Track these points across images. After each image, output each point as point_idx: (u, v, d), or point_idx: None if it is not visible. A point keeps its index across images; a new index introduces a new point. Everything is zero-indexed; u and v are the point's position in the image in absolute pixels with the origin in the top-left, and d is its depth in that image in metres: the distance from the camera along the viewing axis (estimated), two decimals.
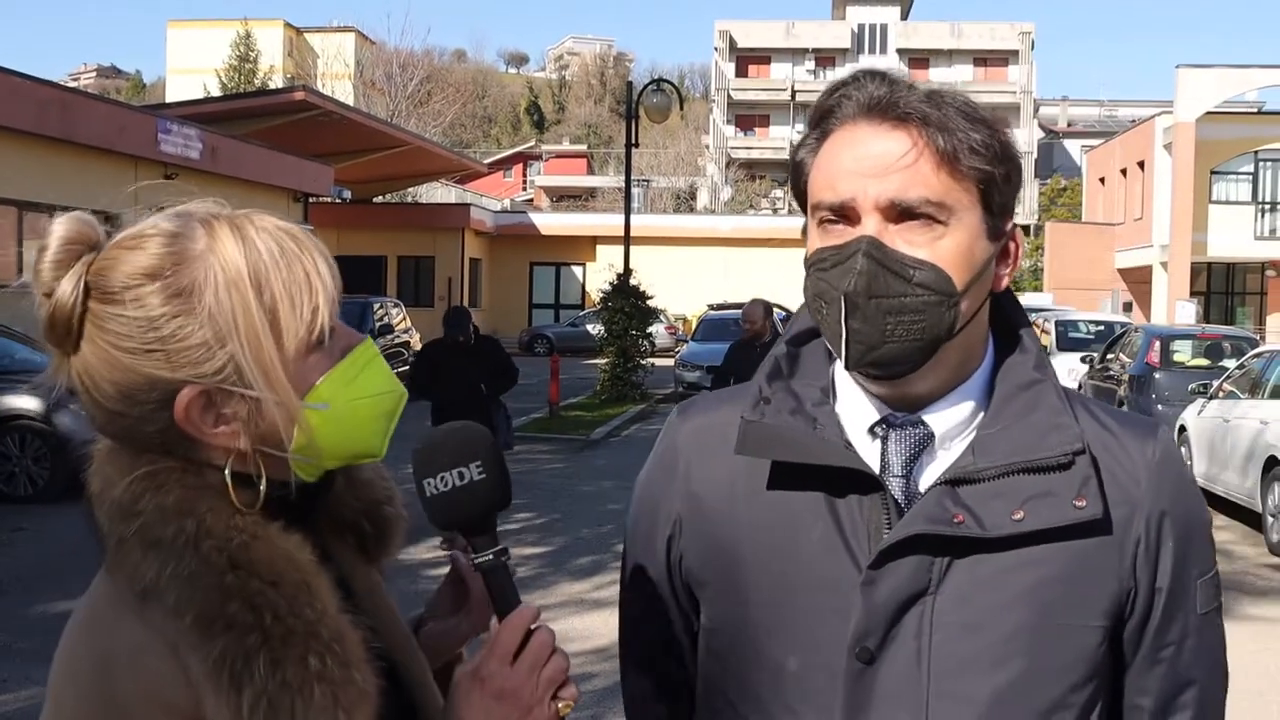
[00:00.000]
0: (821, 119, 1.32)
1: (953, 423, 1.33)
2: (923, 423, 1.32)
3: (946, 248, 1.25)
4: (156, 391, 1.12)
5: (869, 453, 1.33)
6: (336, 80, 58.63)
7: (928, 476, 1.32)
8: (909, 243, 1.25)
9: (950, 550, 1.28)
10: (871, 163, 1.25)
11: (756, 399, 1.37)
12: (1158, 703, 1.36)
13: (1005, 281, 1.35)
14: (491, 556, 1.24)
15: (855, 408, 1.35)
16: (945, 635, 1.27)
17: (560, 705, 1.20)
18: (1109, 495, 1.30)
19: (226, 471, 1.15)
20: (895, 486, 1.32)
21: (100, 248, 1.15)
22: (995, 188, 1.28)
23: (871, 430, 1.34)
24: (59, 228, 1.15)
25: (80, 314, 1.13)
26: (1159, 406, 15.09)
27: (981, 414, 1.34)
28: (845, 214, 1.27)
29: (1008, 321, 1.40)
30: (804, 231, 1.36)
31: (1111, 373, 16.91)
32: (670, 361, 24.30)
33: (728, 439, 1.37)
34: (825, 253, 1.28)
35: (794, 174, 1.35)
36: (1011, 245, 1.34)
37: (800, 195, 1.36)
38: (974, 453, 1.30)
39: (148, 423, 1.14)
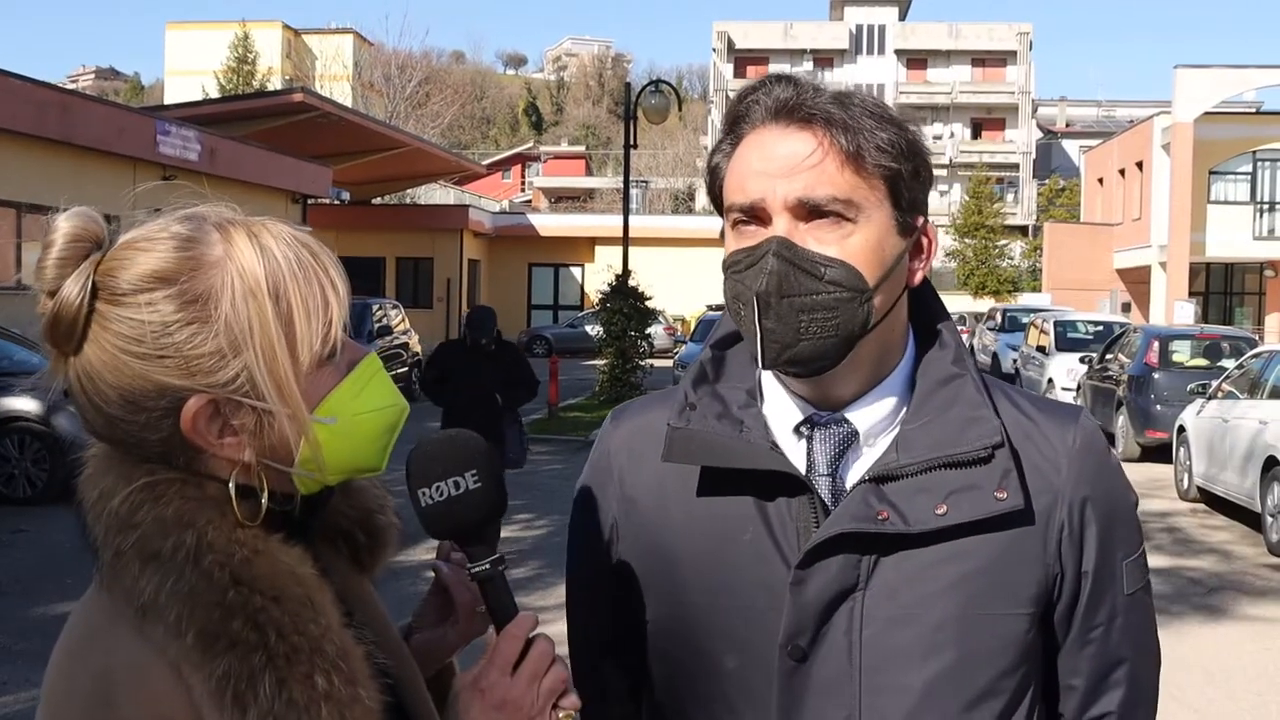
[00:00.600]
0: (733, 125, 1.34)
1: (876, 419, 1.35)
2: (846, 421, 1.35)
3: (856, 244, 1.27)
4: (164, 399, 1.09)
5: (795, 453, 1.35)
6: (335, 82, 58.73)
7: (853, 474, 1.35)
8: (819, 240, 1.27)
9: (877, 547, 1.30)
10: (779, 163, 1.27)
11: (682, 405, 1.39)
12: (1089, 682, 1.40)
13: (919, 276, 1.37)
14: (488, 566, 1.22)
15: (781, 409, 1.37)
16: (875, 630, 1.30)
17: (561, 715, 1.19)
18: (1031, 484, 1.33)
19: (231, 484, 1.12)
20: (822, 485, 1.34)
21: (106, 245, 1.12)
22: (903, 184, 1.30)
23: (797, 430, 1.36)
24: (64, 223, 1.11)
25: (86, 314, 1.10)
26: (1158, 407, 15.11)
27: (904, 410, 1.36)
28: (756, 215, 1.29)
29: (928, 316, 1.42)
30: (722, 235, 1.38)
31: (1110, 373, 16.91)
32: (669, 362, 24.31)
33: (659, 442, 1.39)
34: (739, 254, 1.30)
35: (710, 180, 1.37)
36: (924, 240, 1.36)
37: (717, 200, 1.37)
38: (897, 449, 1.33)
39: (150, 430, 1.11)
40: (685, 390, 1.40)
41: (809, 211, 1.27)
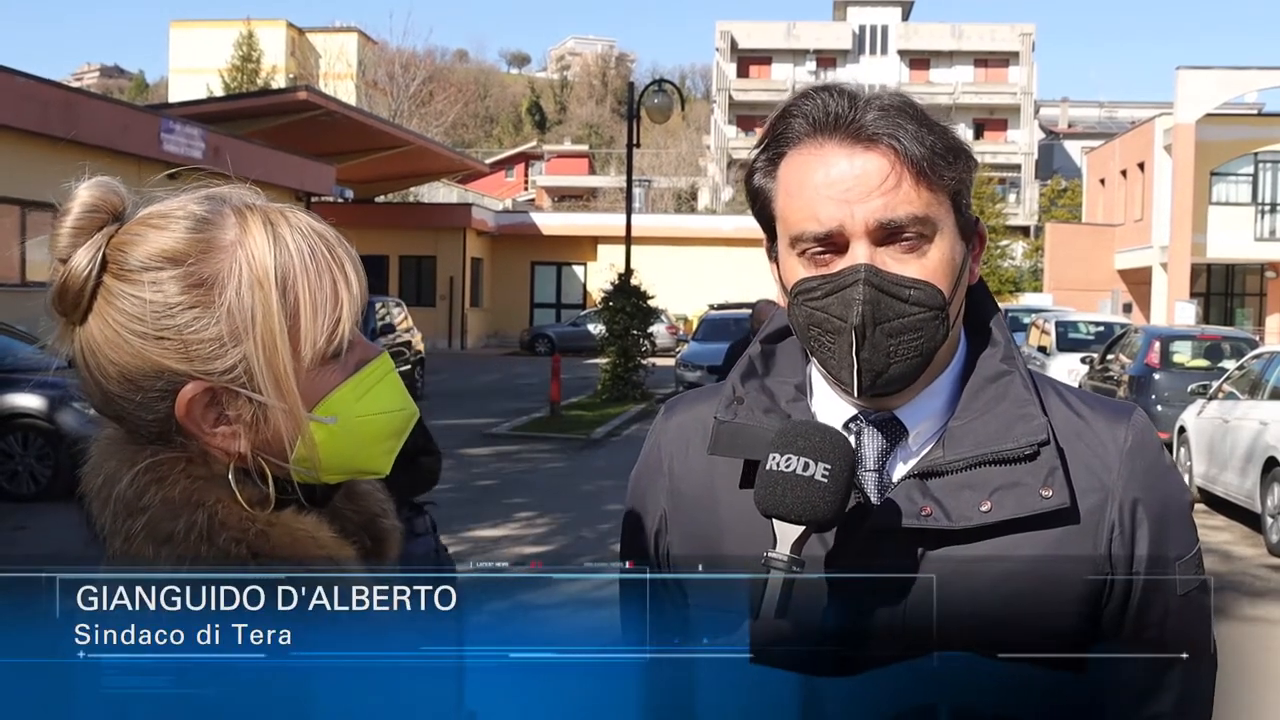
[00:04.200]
0: (774, 141, 1.33)
1: (924, 416, 1.36)
2: (896, 417, 1.35)
3: (934, 261, 1.28)
4: (161, 380, 1.08)
5: None
6: (339, 80, 58.62)
7: (900, 470, 1.35)
8: (898, 262, 1.27)
9: (922, 542, 1.30)
10: (852, 185, 1.26)
11: (730, 399, 1.39)
12: (1141, 683, 1.36)
13: (978, 273, 1.38)
14: (786, 560, 1.19)
15: (830, 404, 1.38)
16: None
17: None
18: (1080, 483, 1.32)
19: (230, 474, 1.10)
20: (869, 481, 1.34)
21: (125, 218, 1.11)
22: (965, 190, 1.31)
23: (846, 426, 1.36)
24: (84, 192, 1.10)
25: (93, 287, 1.08)
26: (1159, 407, 15.09)
27: (953, 407, 1.36)
28: (832, 241, 1.28)
29: (978, 313, 1.41)
30: (771, 256, 1.37)
31: (1111, 373, 16.91)
32: (671, 361, 24.27)
33: (707, 436, 1.39)
34: (814, 281, 1.29)
35: (756, 201, 1.36)
36: (975, 237, 1.36)
37: (767, 223, 1.36)
38: (943, 445, 1.33)
39: (146, 410, 1.09)
40: (733, 384, 1.41)
41: (887, 234, 1.26)
